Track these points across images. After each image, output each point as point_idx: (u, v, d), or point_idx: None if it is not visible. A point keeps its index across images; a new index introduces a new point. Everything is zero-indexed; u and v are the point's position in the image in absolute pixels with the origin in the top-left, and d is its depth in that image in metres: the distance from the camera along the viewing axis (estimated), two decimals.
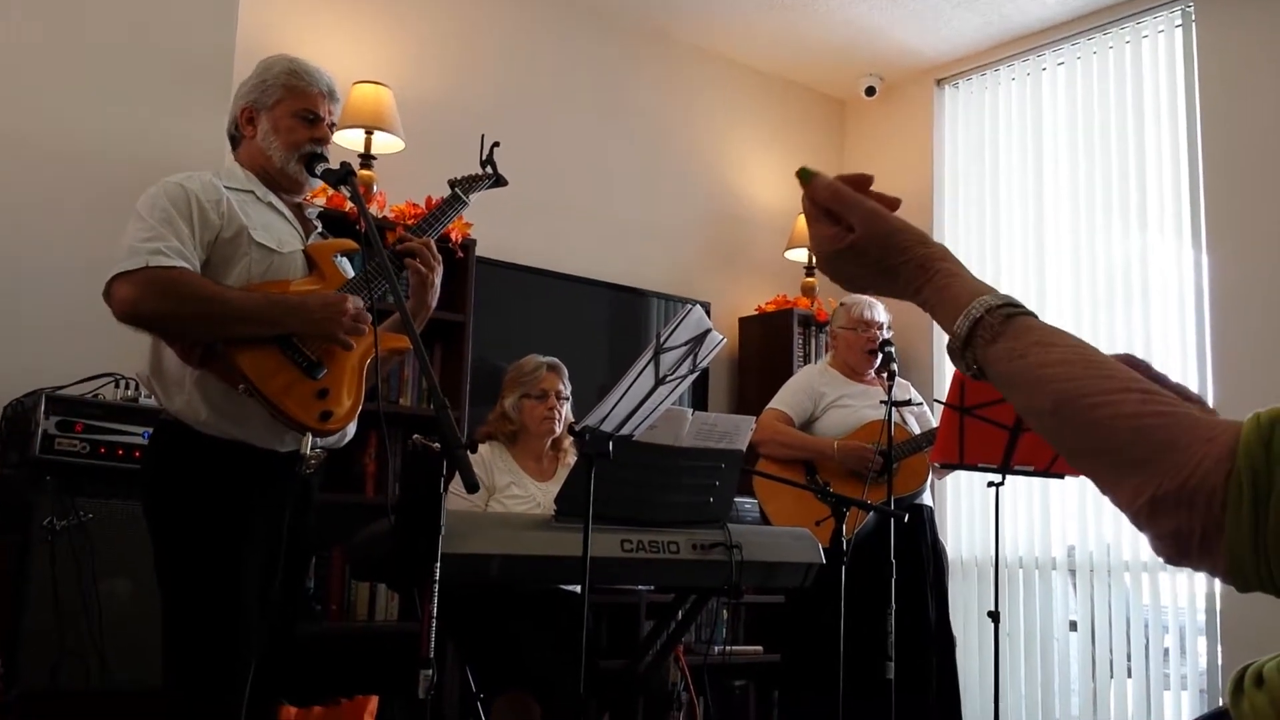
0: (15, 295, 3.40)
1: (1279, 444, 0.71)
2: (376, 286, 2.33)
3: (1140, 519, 0.76)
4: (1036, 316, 0.88)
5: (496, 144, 2.63)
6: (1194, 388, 4.44)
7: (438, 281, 2.47)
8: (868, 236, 0.97)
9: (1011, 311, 0.87)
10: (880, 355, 3.75)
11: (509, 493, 3.24)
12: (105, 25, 3.66)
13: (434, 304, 2.48)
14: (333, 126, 2.47)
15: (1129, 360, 0.96)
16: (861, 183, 1.01)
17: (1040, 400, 0.82)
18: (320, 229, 2.50)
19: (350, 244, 2.49)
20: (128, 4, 3.71)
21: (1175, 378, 0.99)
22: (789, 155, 5.86)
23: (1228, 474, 0.72)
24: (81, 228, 3.41)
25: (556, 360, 3.43)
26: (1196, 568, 0.76)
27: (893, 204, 1.00)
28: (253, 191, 2.36)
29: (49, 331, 3.37)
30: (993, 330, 0.87)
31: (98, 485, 3.03)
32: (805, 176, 1.02)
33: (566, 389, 3.40)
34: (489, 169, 2.63)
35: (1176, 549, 0.75)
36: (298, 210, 2.46)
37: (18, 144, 3.48)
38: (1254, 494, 0.71)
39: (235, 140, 2.46)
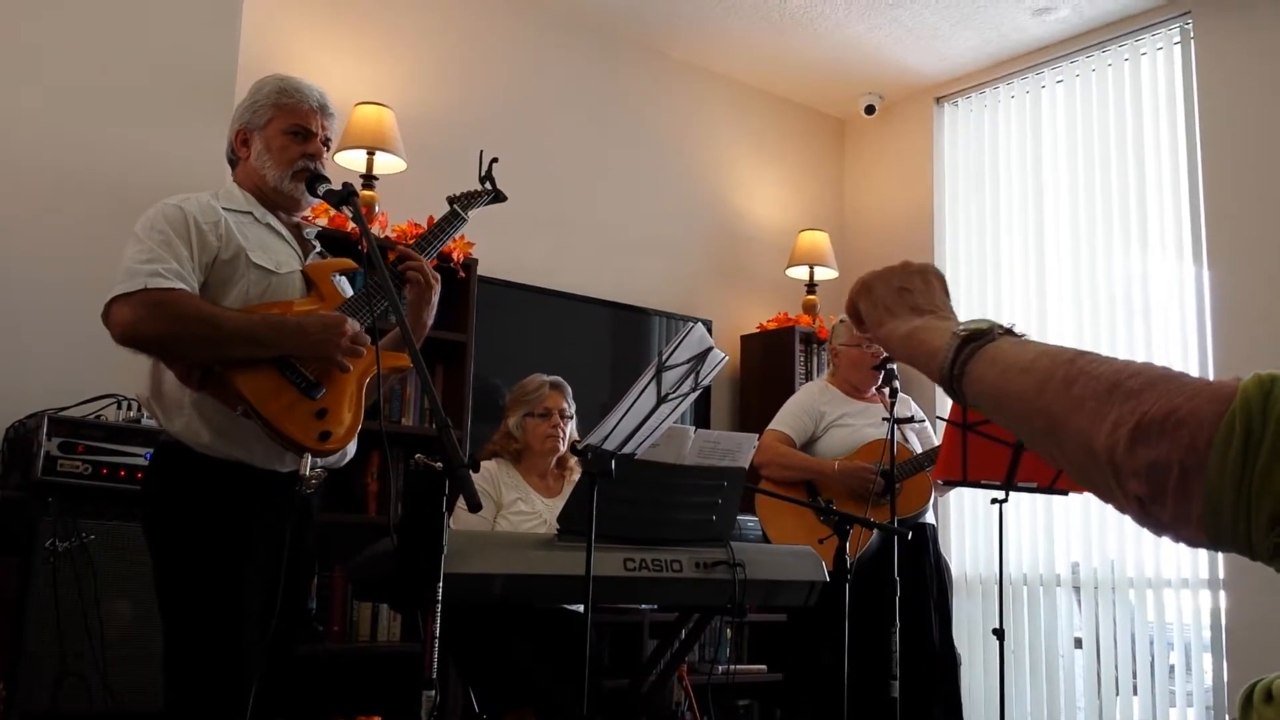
0: (17, 316, 3.40)
1: (1279, 395, 0.70)
2: (377, 304, 2.33)
3: (1118, 452, 0.74)
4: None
5: (495, 159, 2.63)
6: None
7: (434, 301, 2.47)
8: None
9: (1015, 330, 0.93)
10: (883, 371, 3.74)
11: (516, 509, 3.25)
12: (107, 46, 3.68)
13: (430, 323, 2.48)
14: (327, 142, 2.47)
15: None
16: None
17: (1046, 366, 0.84)
18: (319, 249, 2.50)
19: (349, 263, 2.49)
20: (130, 25, 3.72)
21: None
22: (790, 173, 5.88)
23: (1220, 413, 0.71)
24: (84, 248, 3.41)
25: (560, 379, 3.44)
26: (1167, 518, 0.74)
27: None
28: (251, 213, 2.36)
29: (51, 353, 3.37)
30: (1001, 333, 0.92)
31: (100, 506, 3.03)
32: None
33: (570, 407, 3.41)
34: (488, 184, 2.62)
35: (1152, 487, 0.73)
36: (296, 230, 2.46)
37: (19, 163, 3.49)
38: (1245, 436, 0.69)
39: (233, 163, 2.47)
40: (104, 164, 3.59)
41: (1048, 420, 0.81)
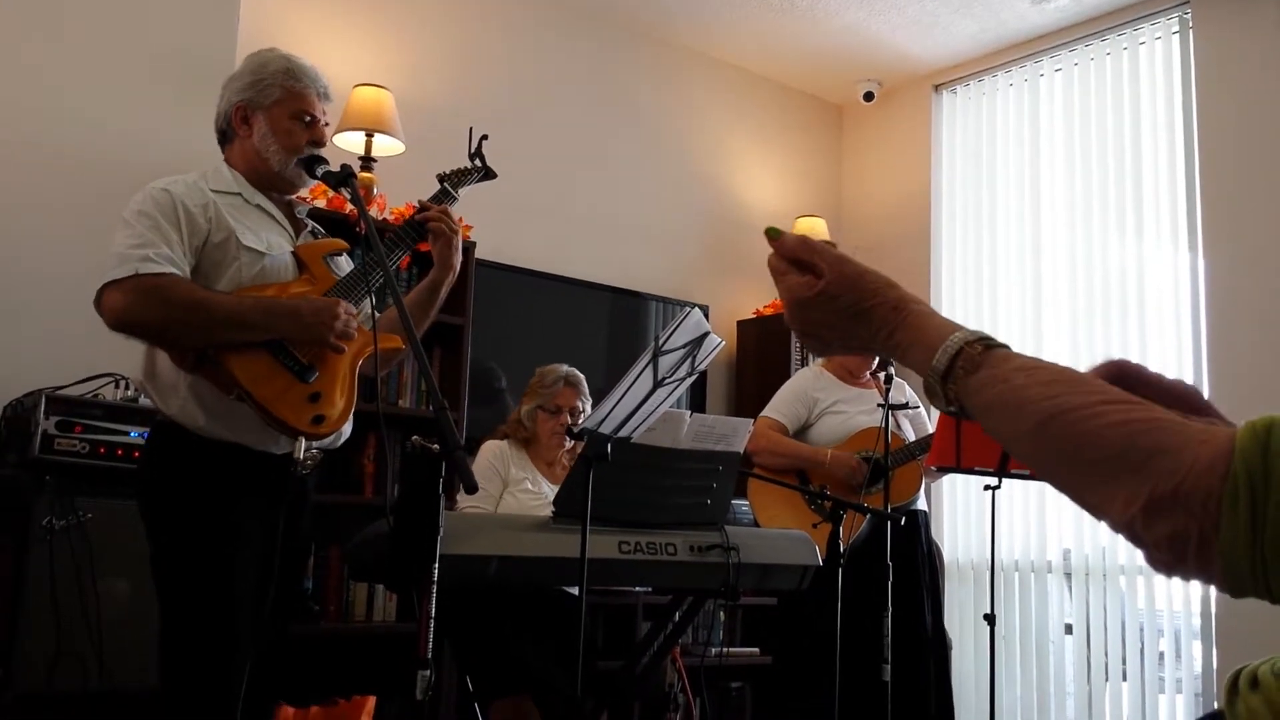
0: (15, 296, 3.40)
1: (1276, 449, 0.70)
2: (373, 281, 2.33)
3: (1136, 526, 0.75)
4: (1010, 348, 0.89)
5: (485, 136, 2.62)
6: None
7: (460, 244, 2.51)
8: (838, 279, 0.98)
9: (991, 343, 0.89)
10: (876, 356, 3.75)
11: (522, 487, 3.28)
12: (106, 29, 3.67)
13: (458, 265, 2.53)
14: (325, 126, 2.46)
15: (1119, 365, 0.96)
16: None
17: (1025, 421, 0.82)
18: (310, 227, 2.49)
19: (340, 244, 2.48)
20: (128, 8, 3.72)
21: None
22: (788, 160, 5.88)
23: (1223, 476, 0.71)
24: (81, 229, 3.42)
25: (578, 375, 3.43)
26: (1192, 576, 0.75)
27: None
28: (240, 194, 2.34)
29: (49, 332, 3.37)
30: (973, 361, 0.88)
31: (97, 485, 3.03)
32: (774, 234, 1.03)
33: (584, 403, 3.40)
34: (478, 162, 2.62)
35: (1174, 555, 0.74)
36: (288, 209, 2.44)
37: (18, 146, 3.49)
38: (1251, 498, 0.70)
39: (225, 135, 2.42)
40: (102, 147, 3.59)
41: (1055, 479, 0.82)
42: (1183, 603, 4.51)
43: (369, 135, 4.12)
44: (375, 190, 4.13)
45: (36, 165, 3.50)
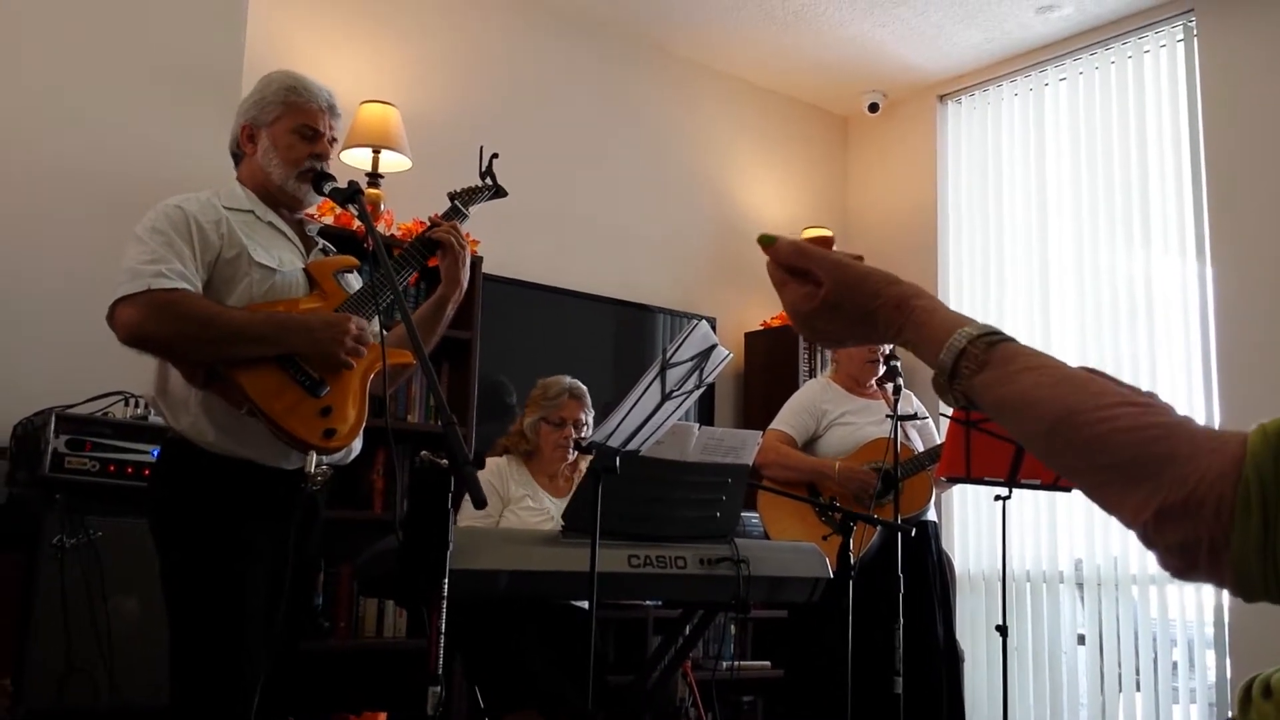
0: (24, 313, 3.41)
1: None
2: (382, 298, 2.34)
3: (1147, 532, 0.75)
4: (1017, 341, 0.88)
5: (495, 155, 2.64)
6: (1199, 403, 4.45)
7: (468, 261, 2.53)
8: (838, 287, 0.97)
9: (994, 339, 0.88)
10: (884, 366, 3.74)
11: (523, 505, 3.25)
12: (113, 44, 3.69)
13: (465, 282, 2.54)
14: (333, 141, 2.47)
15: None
16: (824, 243, 1.03)
17: (1036, 423, 0.82)
18: (321, 245, 2.51)
19: (351, 261, 2.50)
20: (135, 22, 3.74)
21: (1180, 392, 0.99)
22: (793, 171, 5.88)
23: (1234, 484, 0.71)
24: (91, 245, 3.42)
25: (581, 387, 3.41)
26: (1205, 580, 0.75)
27: (856, 258, 1.01)
28: (252, 211, 2.36)
29: (58, 350, 3.38)
30: (978, 360, 0.87)
31: (107, 503, 3.04)
32: (767, 241, 1.02)
33: (588, 416, 3.37)
34: (488, 180, 2.64)
35: (1184, 561, 0.74)
36: (299, 227, 2.46)
37: (26, 160, 3.50)
38: (1263, 503, 0.70)
39: (237, 158, 2.47)
40: (109, 161, 3.60)
41: (1069, 477, 0.82)
42: (1195, 612, 4.49)
43: (376, 151, 4.14)
44: (382, 206, 4.14)
45: (44, 180, 3.51)
